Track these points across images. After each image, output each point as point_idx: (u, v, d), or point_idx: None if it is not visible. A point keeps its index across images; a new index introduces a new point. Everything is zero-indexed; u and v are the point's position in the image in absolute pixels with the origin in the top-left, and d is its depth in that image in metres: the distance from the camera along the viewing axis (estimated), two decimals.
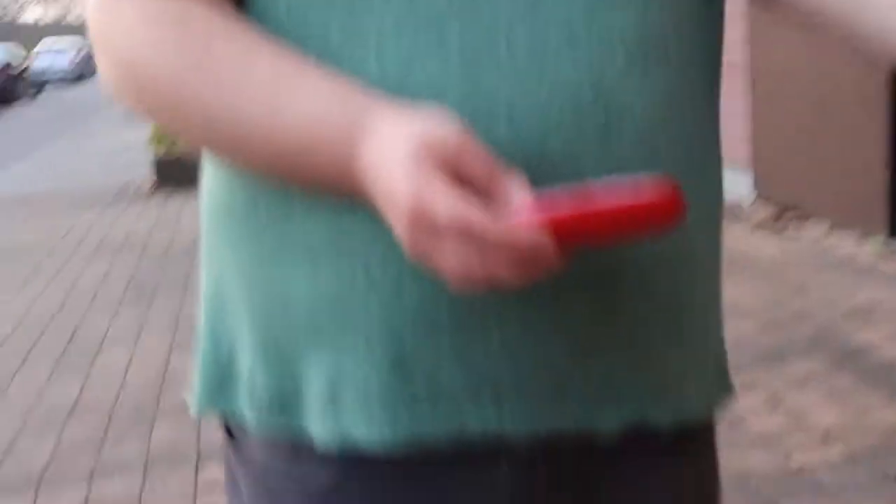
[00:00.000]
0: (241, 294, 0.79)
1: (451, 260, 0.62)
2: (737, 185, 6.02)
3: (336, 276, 0.73)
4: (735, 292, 4.19)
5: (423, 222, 0.61)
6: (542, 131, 0.70)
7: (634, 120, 0.73)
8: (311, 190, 0.71)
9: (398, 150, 0.63)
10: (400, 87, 0.70)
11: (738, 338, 3.61)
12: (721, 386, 0.87)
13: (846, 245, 4.91)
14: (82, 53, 33.49)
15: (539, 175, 0.70)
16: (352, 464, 0.75)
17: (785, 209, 5.67)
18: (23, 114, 20.90)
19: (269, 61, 0.70)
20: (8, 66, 23.52)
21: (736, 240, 5.15)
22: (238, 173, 0.76)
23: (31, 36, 43.47)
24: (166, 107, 0.73)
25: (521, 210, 0.61)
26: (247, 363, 0.79)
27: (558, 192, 0.65)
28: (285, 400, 0.77)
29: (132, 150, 11.20)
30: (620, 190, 0.63)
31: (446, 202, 0.60)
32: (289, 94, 0.69)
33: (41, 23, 51.04)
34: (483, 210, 0.61)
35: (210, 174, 0.82)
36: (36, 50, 32.67)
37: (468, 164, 0.62)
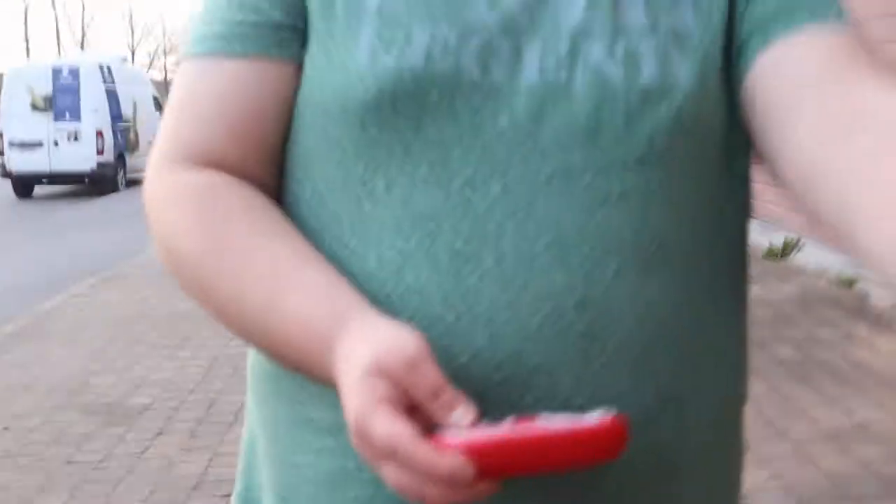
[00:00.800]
0: (263, 451, 0.88)
1: (388, 474, 0.67)
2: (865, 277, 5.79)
3: (334, 457, 0.80)
4: (863, 410, 4.01)
5: (363, 439, 0.68)
6: (521, 339, 0.76)
7: (620, 329, 0.78)
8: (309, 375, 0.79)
9: (356, 366, 0.70)
10: (392, 285, 0.78)
11: (862, 465, 3.46)
12: None
13: None
14: None
15: (513, 383, 0.76)
16: None
17: None
18: None
19: (272, 254, 0.80)
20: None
21: (865, 344, 4.93)
22: None
23: None
24: (192, 283, 0.84)
25: (454, 435, 0.66)
26: None
27: (501, 420, 0.69)
28: None
29: None
30: (563, 421, 0.67)
31: (382, 424, 0.66)
32: (284, 291, 0.78)
33: None
34: (416, 433, 0.66)
35: None
36: None
37: (417, 385, 0.68)
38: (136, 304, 7.29)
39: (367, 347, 0.70)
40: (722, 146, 0.85)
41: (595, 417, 0.67)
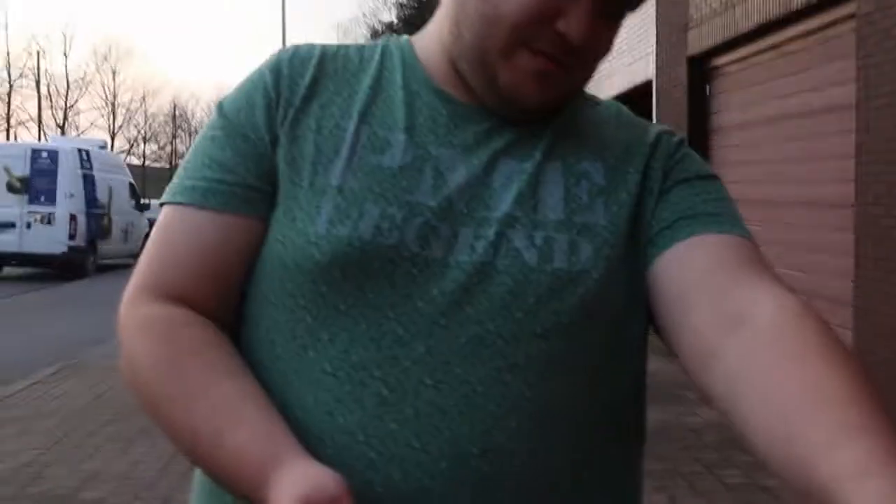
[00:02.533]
0: None
1: None
2: None
3: None
4: None
5: None
6: (429, 477, 0.90)
7: (518, 477, 0.92)
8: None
9: (287, 499, 0.81)
10: (326, 424, 0.93)
11: None
12: None
13: None
14: None
15: None
16: None
17: None
18: None
19: (224, 391, 0.93)
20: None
21: None
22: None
23: None
24: (150, 406, 0.97)
25: None
26: None
27: None
28: None
29: None
30: None
31: None
32: (231, 426, 0.90)
33: None
34: None
35: None
36: None
37: None
38: (94, 394, 7.28)
39: (296, 485, 0.82)
40: (621, 321, 1.00)
41: None
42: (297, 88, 1.05)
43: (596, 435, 0.97)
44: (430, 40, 1.09)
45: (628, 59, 11.29)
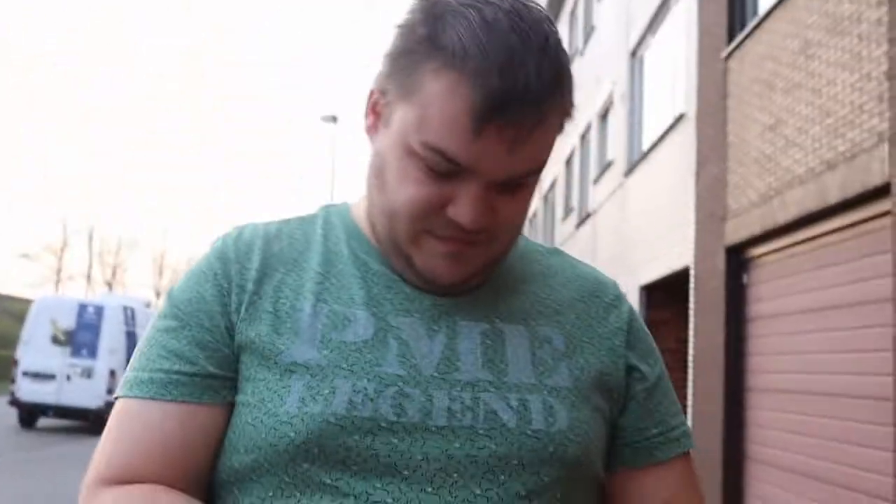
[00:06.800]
0: None
1: None
2: None
3: None
4: None
5: None
6: None
7: None
8: None
9: None
10: None
11: None
12: None
13: None
14: None
15: None
16: None
17: None
18: None
19: None
20: None
21: None
22: None
23: None
24: None
25: None
26: None
27: None
28: None
29: None
30: None
31: None
32: None
33: None
34: None
35: None
36: None
37: None
38: None
39: None
40: (597, 474, 1.07)
41: None
42: (246, 273, 1.05)
43: None
44: (365, 213, 1.11)
45: (667, 246, 11.48)
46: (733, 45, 9.34)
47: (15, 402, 17.75)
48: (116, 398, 1.05)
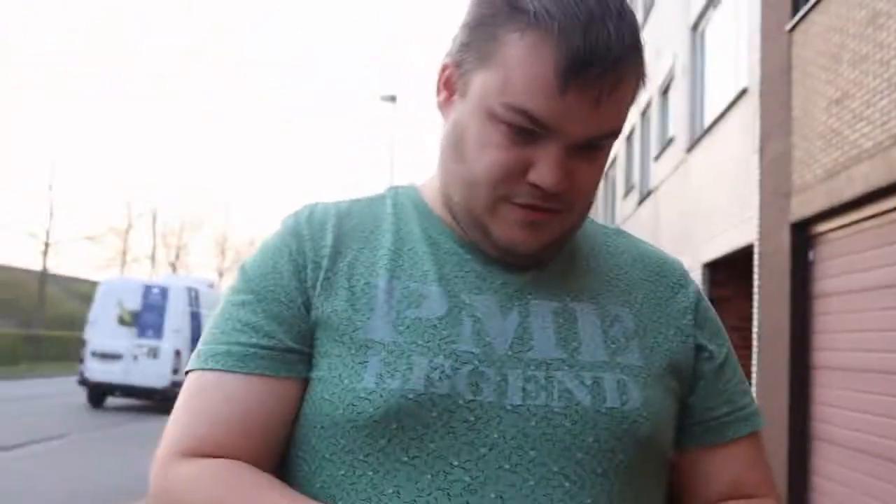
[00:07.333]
0: None
1: None
2: None
3: None
4: None
5: None
6: None
7: None
8: None
9: None
10: None
11: None
12: None
13: None
14: None
15: None
16: None
17: None
18: None
19: None
20: None
21: None
22: None
23: None
24: None
25: None
26: None
27: None
28: None
29: None
30: None
31: None
32: None
33: None
34: None
35: None
36: None
37: None
38: None
39: None
40: (668, 453, 1.08)
41: None
42: (321, 250, 1.06)
43: None
44: (435, 192, 1.12)
45: (730, 223, 11.34)
46: (798, 17, 9.15)
47: (84, 381, 18.20)
48: (188, 371, 1.05)
